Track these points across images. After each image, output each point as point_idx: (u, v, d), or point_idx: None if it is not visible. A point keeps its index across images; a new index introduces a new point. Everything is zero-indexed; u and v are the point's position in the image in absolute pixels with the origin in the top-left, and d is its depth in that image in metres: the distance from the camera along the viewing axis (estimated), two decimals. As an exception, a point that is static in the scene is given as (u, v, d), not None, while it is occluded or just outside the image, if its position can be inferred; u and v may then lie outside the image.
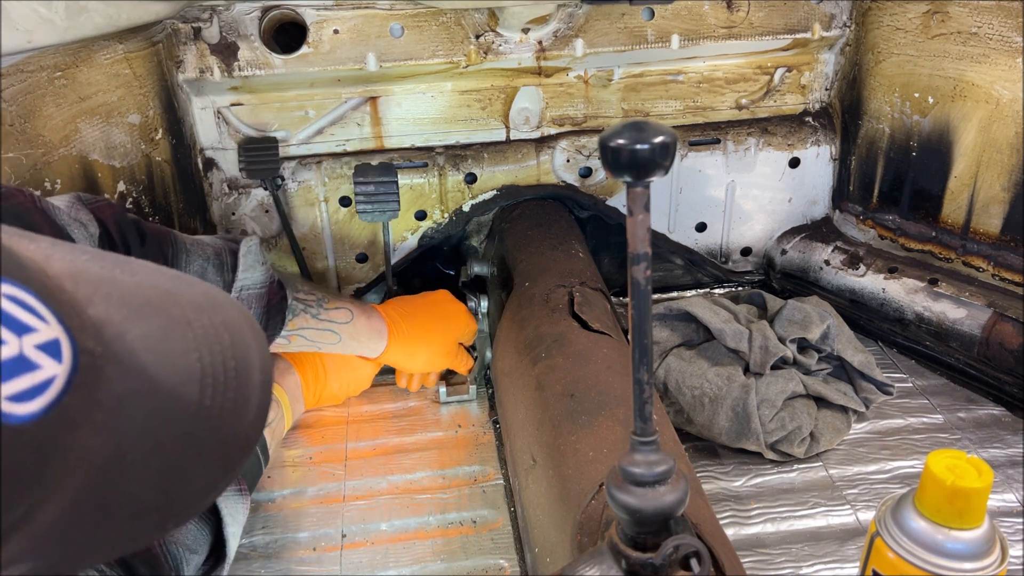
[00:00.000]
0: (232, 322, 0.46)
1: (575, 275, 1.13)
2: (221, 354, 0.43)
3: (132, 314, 0.40)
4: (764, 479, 1.04)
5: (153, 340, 0.40)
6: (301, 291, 1.01)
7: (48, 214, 0.78)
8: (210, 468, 0.44)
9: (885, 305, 1.29)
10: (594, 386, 0.89)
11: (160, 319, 0.42)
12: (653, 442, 0.53)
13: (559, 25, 1.27)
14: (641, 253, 0.48)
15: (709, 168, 1.41)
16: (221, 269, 0.92)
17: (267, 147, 1.27)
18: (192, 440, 0.41)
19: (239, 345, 0.45)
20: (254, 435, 0.46)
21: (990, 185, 1.18)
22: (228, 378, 0.43)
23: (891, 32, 1.26)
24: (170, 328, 0.42)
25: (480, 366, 1.25)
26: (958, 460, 0.63)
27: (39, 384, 0.33)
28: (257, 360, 0.46)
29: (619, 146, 0.45)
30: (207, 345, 0.43)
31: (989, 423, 1.12)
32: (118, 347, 0.38)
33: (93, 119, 1.04)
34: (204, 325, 0.44)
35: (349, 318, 1.05)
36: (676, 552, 0.54)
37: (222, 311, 0.46)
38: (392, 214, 1.24)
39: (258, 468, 0.96)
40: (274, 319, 0.96)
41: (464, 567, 0.94)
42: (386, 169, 1.23)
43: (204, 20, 1.19)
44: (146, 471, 0.40)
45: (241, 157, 1.27)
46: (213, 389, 0.42)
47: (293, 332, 1.00)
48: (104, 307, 0.39)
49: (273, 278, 0.96)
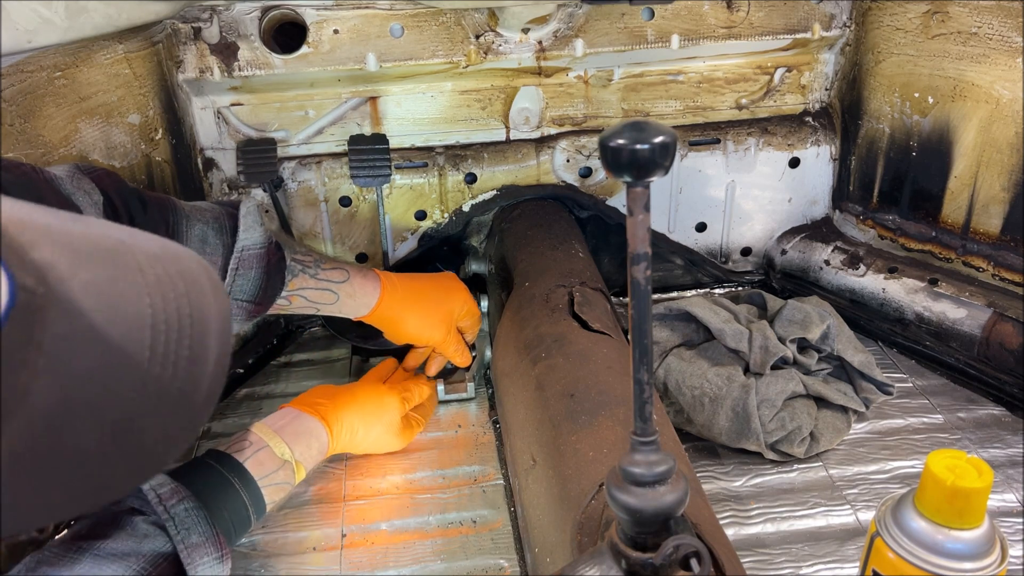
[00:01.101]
0: (188, 271, 0.44)
1: (575, 275, 1.13)
2: (175, 302, 0.42)
3: (79, 260, 0.39)
4: (764, 479, 1.04)
5: (101, 285, 0.39)
6: (299, 252, 1.02)
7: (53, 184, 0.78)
8: (167, 422, 0.42)
9: (885, 305, 1.29)
10: (594, 386, 0.89)
11: (109, 267, 0.40)
12: (653, 442, 0.53)
13: (559, 25, 1.27)
14: (641, 253, 0.48)
15: (709, 168, 1.41)
16: (221, 232, 0.93)
17: (265, 149, 1.28)
18: (145, 389, 0.40)
19: (195, 293, 0.43)
20: (215, 386, 0.44)
21: (990, 185, 1.18)
22: (183, 325, 0.42)
23: (891, 32, 1.26)
24: (119, 275, 0.40)
25: (479, 364, 1.25)
26: (958, 460, 0.63)
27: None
28: (215, 310, 0.45)
29: (619, 146, 0.45)
30: (160, 292, 0.41)
31: (989, 423, 1.12)
32: (61, 290, 0.37)
33: (93, 119, 1.04)
34: (158, 273, 0.42)
35: (345, 277, 1.05)
36: (676, 552, 0.54)
37: (177, 261, 0.44)
38: (384, 179, 1.30)
39: (246, 524, 0.89)
40: (274, 279, 0.97)
41: (464, 567, 0.94)
42: (379, 138, 1.31)
43: (204, 20, 1.19)
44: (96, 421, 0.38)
45: (239, 160, 1.28)
46: (166, 336, 0.41)
47: (293, 292, 1.00)
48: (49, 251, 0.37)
49: (271, 239, 0.97)
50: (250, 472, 0.89)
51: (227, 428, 1.19)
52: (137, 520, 0.77)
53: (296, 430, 0.98)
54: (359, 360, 1.33)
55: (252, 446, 0.92)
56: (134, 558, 0.73)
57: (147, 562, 0.74)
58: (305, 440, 0.98)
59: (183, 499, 0.79)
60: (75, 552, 0.73)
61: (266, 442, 0.93)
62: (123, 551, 0.74)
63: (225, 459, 0.89)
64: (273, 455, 0.93)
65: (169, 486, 0.79)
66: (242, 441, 0.93)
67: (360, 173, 1.29)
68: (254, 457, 0.91)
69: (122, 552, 0.74)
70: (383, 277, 1.11)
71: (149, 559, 0.74)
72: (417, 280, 1.16)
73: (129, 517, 0.77)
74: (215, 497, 0.84)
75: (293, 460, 0.95)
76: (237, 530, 0.87)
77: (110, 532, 0.75)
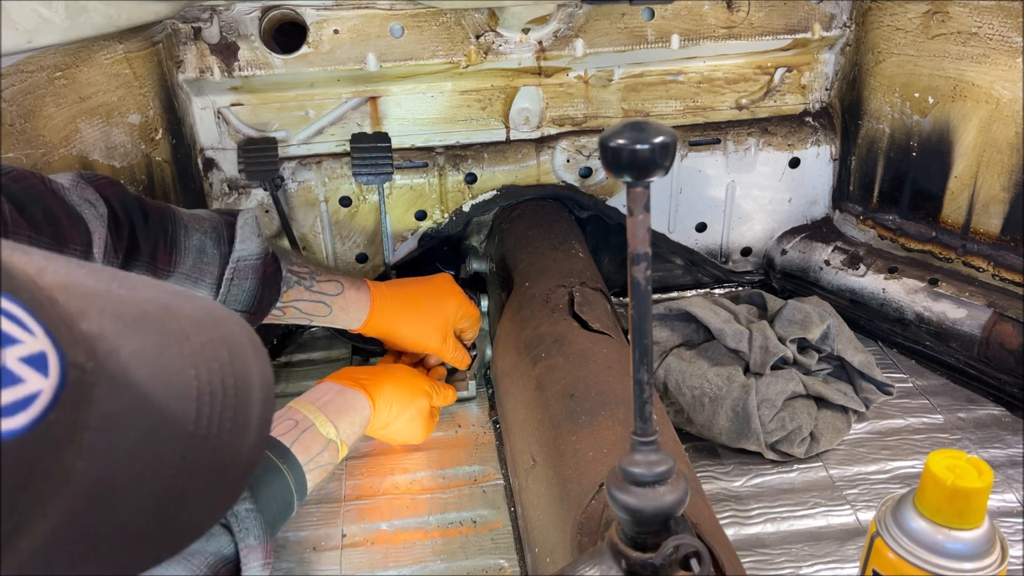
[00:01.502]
0: (231, 336, 0.44)
1: (575, 275, 1.13)
2: (220, 372, 0.42)
3: (127, 328, 0.38)
4: (764, 479, 1.04)
5: (148, 356, 0.38)
6: (295, 264, 1.02)
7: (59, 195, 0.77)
8: (207, 493, 0.42)
9: (885, 305, 1.29)
10: (594, 386, 0.89)
11: (156, 334, 0.40)
12: (653, 442, 0.53)
13: (559, 25, 1.27)
14: (641, 253, 0.48)
15: (709, 168, 1.41)
16: (219, 242, 0.93)
17: (266, 148, 1.28)
18: (187, 463, 0.39)
19: (238, 361, 0.43)
20: (255, 457, 0.44)
21: (990, 185, 1.18)
22: (227, 397, 0.41)
23: (891, 32, 1.26)
24: (166, 343, 0.40)
25: (479, 363, 1.25)
26: (958, 460, 0.63)
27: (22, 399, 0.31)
28: (258, 377, 0.44)
29: (619, 146, 0.45)
30: (204, 362, 0.41)
31: (989, 423, 1.12)
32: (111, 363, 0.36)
33: (93, 119, 1.04)
34: (202, 340, 0.42)
35: (339, 290, 1.06)
36: (676, 552, 0.54)
37: (221, 325, 0.44)
38: (385, 177, 1.30)
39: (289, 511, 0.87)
40: (270, 289, 0.97)
41: (464, 567, 0.93)
42: (381, 136, 1.31)
43: (204, 20, 1.19)
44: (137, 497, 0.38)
45: (240, 158, 1.28)
46: (211, 408, 0.40)
47: (287, 304, 1.01)
48: (98, 321, 0.37)
49: (268, 250, 0.97)
50: (296, 457, 0.87)
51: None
52: None
53: (339, 406, 0.97)
54: (359, 360, 1.33)
55: (298, 426, 0.90)
56: (199, 557, 0.73)
57: (210, 566, 0.73)
58: (349, 416, 0.97)
59: (244, 499, 0.78)
60: None
61: (312, 420, 0.92)
62: (189, 549, 0.72)
63: (273, 444, 0.87)
64: (318, 435, 0.91)
65: None
66: (287, 420, 0.91)
67: (362, 171, 1.29)
68: (300, 440, 0.89)
69: (188, 551, 0.72)
70: (374, 290, 1.11)
71: (212, 562, 0.73)
72: (410, 288, 1.16)
73: None
74: (264, 488, 0.83)
75: (338, 439, 0.93)
76: (281, 520, 0.86)
77: None
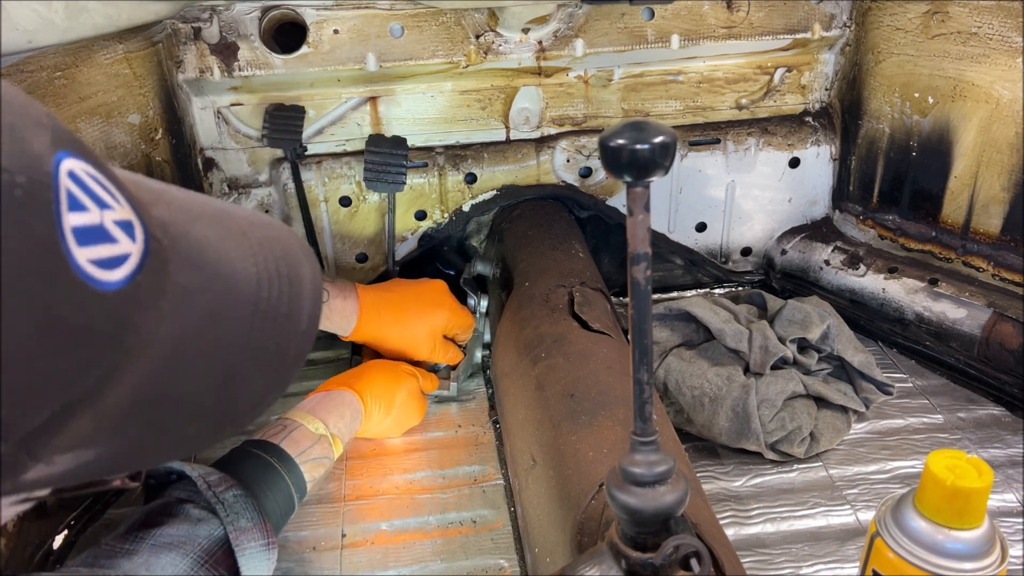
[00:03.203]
0: (282, 237, 0.48)
1: (575, 275, 1.13)
2: (275, 262, 0.45)
3: (192, 219, 0.41)
4: (764, 479, 1.04)
5: (212, 242, 0.41)
6: None
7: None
8: (265, 373, 0.44)
9: (885, 305, 1.29)
10: (594, 386, 0.89)
11: (217, 226, 0.43)
12: (653, 442, 0.53)
13: (559, 25, 1.27)
14: (641, 253, 0.48)
15: (709, 168, 1.41)
16: None
17: (293, 116, 1.27)
18: (249, 341, 0.42)
19: (290, 256, 0.47)
20: (306, 344, 0.47)
21: (990, 185, 1.18)
22: (282, 284, 0.45)
23: (891, 32, 1.26)
24: (227, 235, 0.43)
25: (467, 364, 1.24)
26: (958, 460, 0.63)
27: (117, 256, 0.34)
28: (308, 271, 0.48)
29: (619, 146, 0.45)
30: (262, 253, 0.44)
31: (989, 423, 1.12)
32: (182, 243, 0.39)
33: (93, 119, 1.04)
34: (258, 237, 0.45)
35: (325, 298, 1.06)
36: (676, 552, 0.54)
37: (272, 227, 0.48)
38: (396, 187, 1.28)
39: (291, 506, 0.89)
40: None
41: (464, 567, 0.93)
42: (398, 143, 1.27)
43: (204, 20, 1.19)
44: (205, 369, 0.40)
45: (265, 123, 1.26)
46: (269, 292, 0.44)
47: None
48: (167, 210, 0.40)
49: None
50: (287, 451, 0.90)
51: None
52: (188, 507, 0.78)
53: (326, 405, 1.00)
54: (359, 360, 1.33)
55: (285, 428, 0.93)
56: (190, 544, 0.74)
57: (203, 549, 0.75)
58: (337, 411, 1.00)
59: (231, 486, 0.80)
60: (132, 543, 0.74)
61: (300, 422, 0.95)
62: (179, 537, 0.75)
63: (263, 445, 0.90)
64: (307, 431, 0.94)
65: (217, 475, 0.81)
66: (275, 426, 0.94)
67: (373, 178, 1.27)
68: (289, 437, 0.92)
69: (178, 538, 0.74)
70: (363, 298, 1.12)
71: (204, 545, 0.75)
72: (400, 294, 1.16)
73: (180, 505, 0.78)
74: (260, 483, 0.85)
75: (328, 434, 0.96)
76: (284, 514, 0.88)
77: (164, 520, 0.76)
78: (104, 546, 0.74)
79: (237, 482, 0.81)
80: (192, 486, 0.80)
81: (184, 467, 0.80)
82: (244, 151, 1.32)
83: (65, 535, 0.97)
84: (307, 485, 0.91)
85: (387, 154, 1.26)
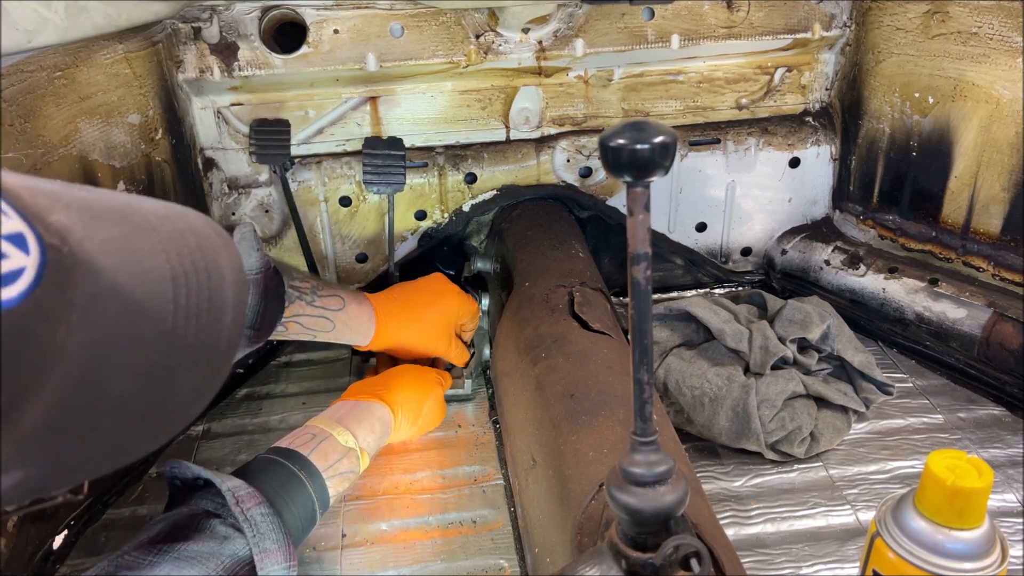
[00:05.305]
0: (196, 228, 0.46)
1: (575, 275, 1.13)
2: (190, 256, 0.43)
3: (93, 221, 0.40)
4: (764, 479, 1.04)
5: (118, 244, 0.40)
6: (296, 279, 1.01)
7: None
8: (194, 372, 0.43)
9: (885, 305, 1.29)
10: (594, 386, 0.89)
11: (123, 225, 0.41)
12: (653, 442, 0.53)
13: (559, 25, 1.27)
14: (641, 253, 0.48)
15: (709, 168, 1.41)
16: None
17: (279, 130, 1.26)
18: (171, 341, 0.41)
19: (206, 247, 0.45)
20: (235, 336, 0.46)
21: (990, 185, 1.18)
22: (200, 278, 0.43)
23: (891, 32, 1.26)
24: (133, 233, 0.41)
25: (477, 361, 1.25)
26: (958, 460, 0.63)
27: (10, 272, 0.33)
28: (227, 260, 0.46)
29: (619, 146, 0.45)
30: (174, 248, 0.43)
31: (989, 423, 1.12)
32: (85, 249, 0.37)
33: (93, 119, 1.04)
34: (169, 230, 0.43)
35: (341, 305, 1.05)
36: (676, 552, 0.54)
37: (184, 218, 0.46)
38: (396, 187, 1.28)
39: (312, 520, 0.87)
40: (272, 304, 0.96)
41: (464, 567, 0.93)
42: (395, 144, 1.28)
43: (204, 20, 1.19)
44: (127, 375, 0.39)
45: (251, 140, 1.26)
46: (187, 289, 0.42)
47: (290, 319, 1.00)
48: (65, 215, 0.38)
49: (269, 265, 0.96)
50: (315, 465, 0.88)
51: (226, 428, 1.19)
52: (215, 523, 0.76)
53: (357, 416, 0.98)
54: (359, 360, 1.33)
55: (315, 438, 0.91)
56: (215, 560, 0.73)
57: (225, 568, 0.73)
58: (368, 423, 0.98)
59: (259, 504, 0.78)
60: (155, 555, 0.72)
61: (329, 432, 0.93)
62: (204, 553, 0.73)
63: (291, 455, 0.88)
64: (337, 444, 0.92)
65: (246, 489, 0.78)
66: (304, 435, 0.92)
67: (373, 180, 1.27)
68: (318, 449, 0.90)
69: (202, 554, 0.73)
70: (376, 306, 1.11)
71: (227, 564, 0.73)
72: (408, 296, 1.16)
73: (207, 520, 0.76)
74: (285, 496, 0.83)
75: (357, 447, 0.94)
76: (304, 529, 0.86)
77: (189, 535, 0.74)
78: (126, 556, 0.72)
79: (265, 499, 0.79)
80: (220, 498, 0.77)
81: (213, 477, 0.78)
82: (244, 151, 1.32)
83: (65, 535, 0.97)
84: (330, 500, 0.90)
85: (385, 155, 1.26)
